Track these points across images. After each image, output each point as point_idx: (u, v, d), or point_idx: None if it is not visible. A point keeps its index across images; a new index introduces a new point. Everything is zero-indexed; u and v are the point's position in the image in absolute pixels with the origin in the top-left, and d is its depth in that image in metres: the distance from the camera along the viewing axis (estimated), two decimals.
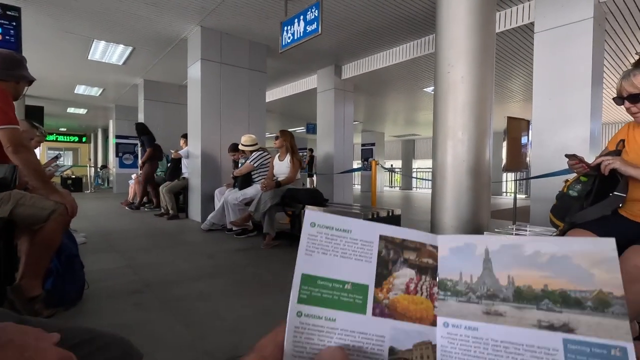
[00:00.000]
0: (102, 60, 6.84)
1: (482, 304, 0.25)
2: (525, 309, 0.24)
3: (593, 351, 0.21)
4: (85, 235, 3.96)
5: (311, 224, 0.28)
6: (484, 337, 0.24)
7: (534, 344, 0.22)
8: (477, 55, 2.59)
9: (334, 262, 0.27)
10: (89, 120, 14.60)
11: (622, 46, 5.08)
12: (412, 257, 0.27)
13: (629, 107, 1.55)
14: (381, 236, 0.28)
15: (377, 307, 0.26)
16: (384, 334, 0.25)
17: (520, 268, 0.25)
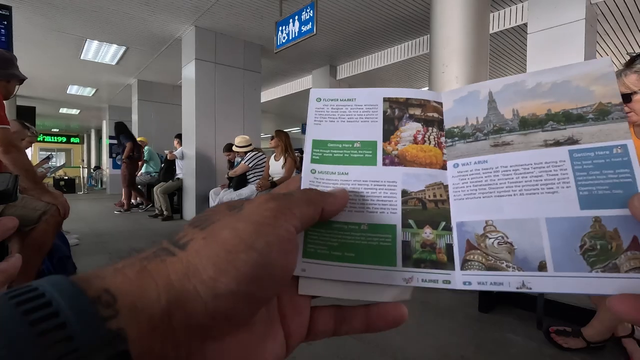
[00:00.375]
0: (95, 60, 6.78)
1: (490, 139, 0.26)
2: (531, 134, 0.25)
3: (597, 154, 0.22)
4: (78, 236, 3.92)
5: (317, 99, 0.29)
6: (494, 166, 0.25)
7: (542, 161, 0.24)
8: (471, 56, 2.61)
9: (341, 127, 0.28)
10: (82, 120, 14.46)
11: (613, 47, 5.14)
12: (417, 113, 0.28)
13: None
14: (385, 98, 0.29)
15: (386, 158, 0.27)
16: (395, 179, 0.26)
17: (523, 100, 0.26)
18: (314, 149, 0.27)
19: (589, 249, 0.21)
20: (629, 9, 4.02)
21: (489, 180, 0.24)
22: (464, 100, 0.28)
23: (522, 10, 4.38)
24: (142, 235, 4.34)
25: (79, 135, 19.19)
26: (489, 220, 0.23)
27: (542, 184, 0.23)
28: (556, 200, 0.22)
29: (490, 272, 0.22)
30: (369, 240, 0.24)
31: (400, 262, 0.24)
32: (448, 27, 2.65)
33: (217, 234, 0.18)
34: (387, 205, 0.25)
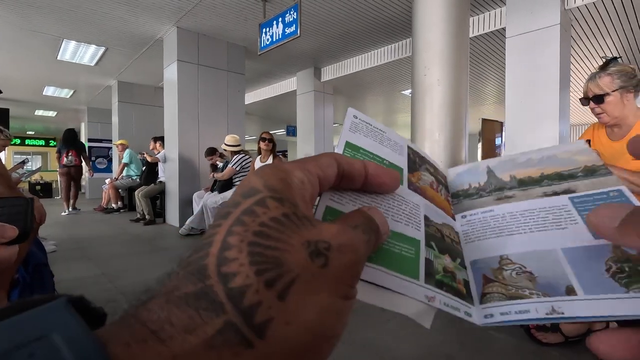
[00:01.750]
0: (72, 60, 6.58)
1: (493, 195, 0.29)
2: (530, 189, 0.27)
3: (595, 198, 0.24)
4: (56, 243, 3.79)
5: (354, 116, 0.30)
6: (500, 213, 0.27)
7: (545, 206, 0.26)
8: (452, 59, 2.66)
9: (373, 144, 0.28)
10: (59, 123, 14.00)
11: (586, 51, 5.34)
12: (431, 170, 0.31)
13: (594, 107, 1.63)
14: (408, 146, 0.31)
15: (411, 185, 0.28)
16: (419, 204, 0.27)
17: (518, 169, 0.29)
18: (346, 148, 0.27)
19: (618, 272, 0.20)
20: (600, 15, 4.19)
21: (497, 224, 0.26)
22: (464, 173, 0.32)
23: (500, 15, 4.50)
24: (124, 240, 4.23)
25: (56, 138, 18.58)
26: (504, 255, 0.24)
27: (550, 222, 0.24)
28: (567, 234, 0.23)
29: (513, 301, 0.21)
30: (391, 247, 0.23)
31: (423, 278, 0.22)
32: (429, 31, 2.70)
33: (303, 316, 0.14)
34: (412, 220, 0.25)
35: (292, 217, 0.16)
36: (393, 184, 0.24)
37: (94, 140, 10.56)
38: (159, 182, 5.74)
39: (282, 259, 0.14)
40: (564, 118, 3.83)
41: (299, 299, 0.14)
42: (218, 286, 0.13)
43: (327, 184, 0.20)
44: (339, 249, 0.15)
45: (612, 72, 1.58)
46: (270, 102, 8.94)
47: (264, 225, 0.15)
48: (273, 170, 0.18)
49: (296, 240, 0.15)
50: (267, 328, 0.13)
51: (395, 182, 0.24)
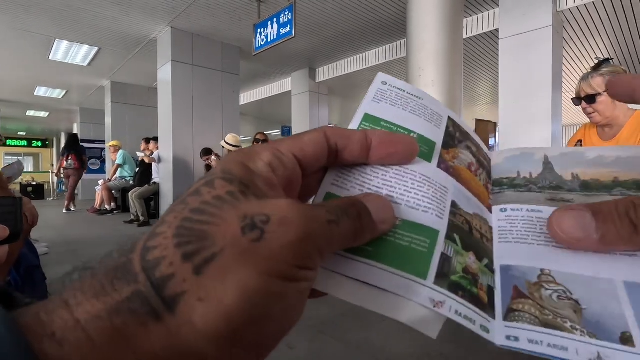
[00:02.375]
0: (65, 60, 6.52)
1: (546, 193, 0.22)
2: (596, 196, 0.21)
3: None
4: (48, 245, 3.74)
5: (382, 82, 0.26)
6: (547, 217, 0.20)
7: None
8: (446, 60, 2.68)
9: (401, 114, 0.24)
10: (51, 123, 13.85)
11: (578, 53, 5.41)
12: (473, 149, 0.26)
13: (585, 107, 1.66)
14: (449, 117, 0.26)
15: (442, 163, 0.23)
16: (447, 186, 0.22)
17: (585, 168, 0.23)
18: (363, 122, 0.23)
19: None
20: (592, 17, 4.24)
21: (545, 230, 0.20)
22: (516, 158, 0.26)
23: (493, 17, 4.54)
24: (117, 242, 4.15)
25: (48, 139, 18.37)
26: (546, 270, 0.19)
27: None
28: (636, 264, 0.17)
29: (549, 330, 0.17)
30: (398, 238, 0.19)
31: (433, 277, 0.18)
32: (423, 31, 2.72)
33: (220, 294, 0.12)
34: (434, 205, 0.20)
35: (236, 194, 0.15)
36: (406, 153, 0.20)
37: (86, 141, 10.44)
38: (153, 183, 5.70)
39: (209, 233, 0.13)
40: (557, 118, 3.88)
41: (219, 275, 0.12)
42: (137, 258, 0.13)
43: (312, 163, 0.18)
44: (280, 222, 0.14)
45: (604, 73, 1.61)
46: (265, 103, 8.93)
47: (204, 203, 0.14)
48: (235, 155, 0.17)
49: (232, 214, 0.14)
50: (177, 302, 0.12)
51: (409, 151, 0.20)
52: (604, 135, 1.70)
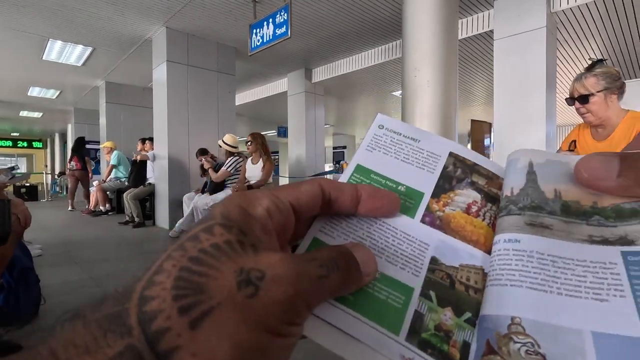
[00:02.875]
0: (58, 60, 6.46)
1: (525, 215, 0.21)
2: (573, 224, 0.20)
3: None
4: (41, 246, 3.70)
5: (379, 125, 0.26)
6: (527, 249, 0.19)
7: (586, 259, 0.18)
8: (441, 60, 2.69)
9: (392, 163, 0.25)
10: (45, 124, 13.73)
11: (572, 54, 5.46)
12: (481, 182, 0.25)
13: (579, 107, 1.67)
14: (452, 152, 0.26)
15: (427, 216, 0.23)
16: (428, 242, 0.22)
17: (568, 183, 0.21)
18: (354, 173, 0.24)
19: None
20: (585, 18, 4.28)
21: (521, 266, 0.19)
22: (505, 170, 0.24)
23: (488, 18, 4.57)
24: (112, 243, 4.16)
25: (41, 139, 18.20)
26: (517, 318, 0.17)
27: (587, 287, 0.17)
28: (606, 311, 0.16)
29: None
30: (377, 291, 0.20)
31: (405, 334, 0.19)
32: (419, 32, 2.73)
33: (213, 350, 0.12)
34: (411, 263, 0.21)
35: (234, 244, 0.15)
36: (390, 208, 0.22)
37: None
38: (148, 183, 5.66)
39: (206, 286, 0.13)
40: (551, 119, 3.91)
41: (214, 330, 0.13)
42: (133, 309, 0.13)
43: (305, 211, 0.19)
44: (273, 280, 0.14)
45: (598, 74, 1.62)
46: (261, 103, 8.91)
47: (202, 251, 0.15)
48: (236, 198, 0.17)
49: (228, 267, 0.14)
50: (171, 357, 0.12)
51: (392, 206, 0.22)
52: (597, 136, 1.72)
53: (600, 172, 0.18)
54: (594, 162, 0.18)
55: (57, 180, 13.65)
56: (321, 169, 7.45)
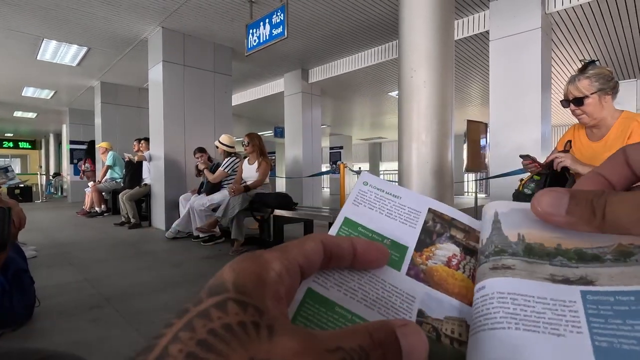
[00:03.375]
0: (53, 60, 6.41)
1: (490, 261, 0.22)
2: (536, 264, 0.20)
3: (618, 299, 0.18)
4: (36, 248, 3.68)
5: (364, 182, 0.28)
6: (490, 292, 0.20)
7: (547, 297, 0.19)
8: (437, 61, 2.70)
9: (378, 218, 0.26)
10: (40, 124, 13.62)
11: (567, 54, 5.50)
12: (459, 236, 0.26)
13: (574, 109, 1.68)
14: (430, 209, 0.27)
15: (412, 269, 0.24)
16: (415, 295, 0.23)
17: (531, 228, 0.22)
18: (342, 226, 0.25)
19: None
20: (579, 19, 4.32)
21: (485, 310, 0.19)
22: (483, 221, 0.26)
23: (484, 19, 4.59)
24: (108, 244, 4.14)
25: (36, 140, 18.05)
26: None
27: (545, 323, 0.18)
28: (563, 346, 0.17)
29: None
30: None
31: None
32: (415, 33, 2.73)
33: None
34: (400, 315, 0.21)
35: (248, 326, 0.14)
36: (380, 260, 0.22)
37: (76, 142, 10.31)
38: (144, 184, 5.63)
39: (218, 336, 0.13)
40: (546, 119, 3.93)
41: None
42: None
43: (311, 270, 0.19)
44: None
45: (591, 75, 1.63)
46: (258, 104, 8.90)
47: (213, 333, 0.13)
48: (249, 263, 0.17)
49: (239, 356, 0.13)
50: None
51: (382, 258, 0.22)
52: (592, 136, 1.73)
53: (551, 208, 0.19)
54: (547, 197, 0.19)
55: (51, 181, 13.55)
56: (318, 169, 7.45)
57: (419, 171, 2.73)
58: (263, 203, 3.78)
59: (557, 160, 1.64)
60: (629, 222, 0.17)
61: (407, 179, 2.79)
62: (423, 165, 2.71)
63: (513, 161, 3.58)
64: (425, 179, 2.72)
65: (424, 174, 2.72)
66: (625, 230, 0.17)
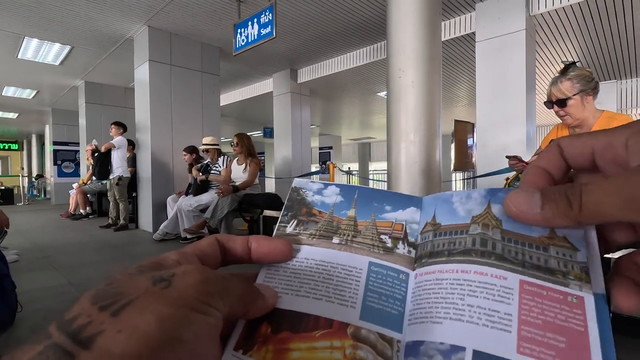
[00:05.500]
0: (35, 59, 6.25)
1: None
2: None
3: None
4: (18, 252, 3.57)
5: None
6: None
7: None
8: (425, 62, 2.72)
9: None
10: (21, 125, 13.25)
11: (550, 56, 5.62)
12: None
13: (557, 110, 1.72)
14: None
15: None
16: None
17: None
18: None
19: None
20: (562, 22, 4.42)
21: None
22: None
23: (470, 20, 4.66)
24: (93, 247, 4.05)
25: (17, 141, 17.56)
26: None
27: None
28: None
29: None
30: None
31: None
32: (403, 34, 2.75)
33: (137, 323, 0.14)
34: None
35: (146, 269, 0.18)
36: (283, 253, 0.24)
37: (59, 143, 10.07)
38: (118, 177, 5.15)
39: (123, 290, 0.15)
40: (531, 119, 4.01)
41: (135, 312, 0.14)
42: (53, 325, 0.14)
43: (210, 261, 0.22)
44: (183, 273, 0.17)
45: (572, 77, 1.67)
46: (247, 104, 8.84)
47: (117, 279, 0.17)
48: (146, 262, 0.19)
49: (144, 277, 0.16)
50: (94, 340, 0.13)
51: (284, 250, 0.24)
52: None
53: (525, 207, 0.20)
54: (519, 197, 0.20)
55: (34, 183, 13.20)
56: (307, 169, 7.44)
57: (408, 170, 2.75)
58: (252, 204, 3.76)
59: None
60: (613, 208, 0.17)
61: (395, 178, 2.81)
62: (412, 165, 2.74)
63: (499, 160, 3.64)
64: (413, 178, 2.74)
65: (413, 174, 2.74)
66: (609, 217, 0.17)
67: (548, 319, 0.18)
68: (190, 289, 0.16)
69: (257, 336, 0.20)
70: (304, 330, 0.20)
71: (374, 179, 17.42)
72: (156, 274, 0.17)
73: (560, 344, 0.17)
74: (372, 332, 0.21)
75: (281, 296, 0.22)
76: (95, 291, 0.16)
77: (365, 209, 0.27)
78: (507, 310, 0.19)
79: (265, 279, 0.23)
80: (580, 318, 0.18)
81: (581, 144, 0.21)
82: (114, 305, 0.14)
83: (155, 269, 0.18)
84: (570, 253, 0.20)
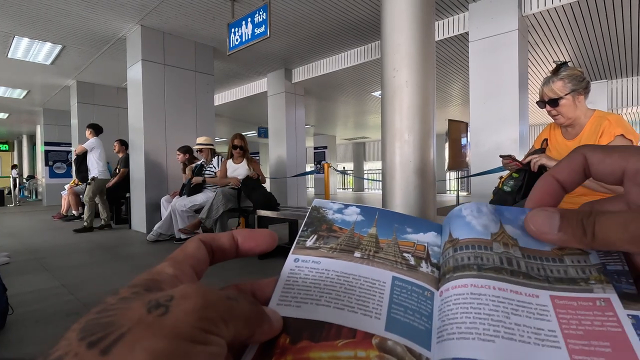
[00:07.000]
0: (25, 59, 6.16)
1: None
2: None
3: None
4: (9, 254, 3.52)
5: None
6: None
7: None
8: (419, 61, 2.73)
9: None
10: (12, 125, 13.07)
11: (542, 56, 5.68)
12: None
13: (550, 110, 1.74)
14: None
15: None
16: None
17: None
18: None
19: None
20: (554, 22, 4.46)
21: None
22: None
23: (464, 20, 4.69)
24: (85, 248, 4.00)
25: (8, 141, 17.32)
26: None
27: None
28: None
29: None
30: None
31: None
32: (397, 34, 2.76)
33: (129, 358, 0.12)
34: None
35: (141, 292, 0.16)
36: (267, 243, 0.24)
37: (51, 143, 9.95)
38: (92, 178, 5.27)
39: (115, 321, 0.14)
40: (524, 118, 4.05)
41: (127, 348, 0.13)
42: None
43: (201, 266, 0.21)
44: (182, 297, 0.15)
45: (564, 77, 1.69)
46: (241, 104, 8.81)
47: (109, 304, 0.15)
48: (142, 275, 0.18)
49: (137, 303, 0.15)
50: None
51: (269, 241, 0.24)
52: (567, 135, 1.79)
53: (544, 227, 0.21)
54: (539, 217, 0.21)
55: (25, 184, 13.03)
56: (302, 169, 7.43)
57: (402, 170, 2.76)
58: (251, 187, 3.74)
59: (534, 161, 1.70)
60: (618, 240, 0.19)
61: (390, 178, 2.82)
62: (406, 164, 2.74)
63: (493, 159, 3.66)
64: (408, 177, 2.75)
65: (407, 173, 2.75)
66: (614, 247, 0.19)
67: (587, 328, 0.19)
68: (190, 317, 0.14)
69: (275, 348, 0.19)
70: (325, 340, 0.20)
71: (369, 178, 17.47)
72: (152, 299, 0.15)
73: (606, 349, 0.17)
74: (399, 344, 0.20)
75: (300, 306, 0.21)
76: (84, 323, 0.14)
77: (386, 228, 0.27)
78: (549, 327, 0.19)
79: (282, 290, 0.22)
80: (614, 319, 0.19)
81: (612, 164, 0.21)
82: (103, 340, 0.13)
83: (150, 287, 0.17)
84: (583, 258, 0.21)
